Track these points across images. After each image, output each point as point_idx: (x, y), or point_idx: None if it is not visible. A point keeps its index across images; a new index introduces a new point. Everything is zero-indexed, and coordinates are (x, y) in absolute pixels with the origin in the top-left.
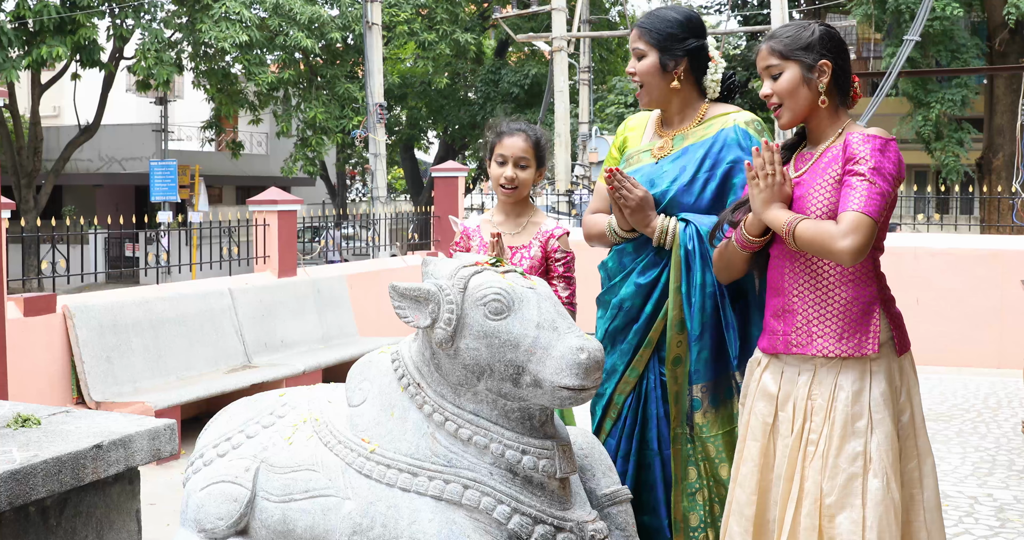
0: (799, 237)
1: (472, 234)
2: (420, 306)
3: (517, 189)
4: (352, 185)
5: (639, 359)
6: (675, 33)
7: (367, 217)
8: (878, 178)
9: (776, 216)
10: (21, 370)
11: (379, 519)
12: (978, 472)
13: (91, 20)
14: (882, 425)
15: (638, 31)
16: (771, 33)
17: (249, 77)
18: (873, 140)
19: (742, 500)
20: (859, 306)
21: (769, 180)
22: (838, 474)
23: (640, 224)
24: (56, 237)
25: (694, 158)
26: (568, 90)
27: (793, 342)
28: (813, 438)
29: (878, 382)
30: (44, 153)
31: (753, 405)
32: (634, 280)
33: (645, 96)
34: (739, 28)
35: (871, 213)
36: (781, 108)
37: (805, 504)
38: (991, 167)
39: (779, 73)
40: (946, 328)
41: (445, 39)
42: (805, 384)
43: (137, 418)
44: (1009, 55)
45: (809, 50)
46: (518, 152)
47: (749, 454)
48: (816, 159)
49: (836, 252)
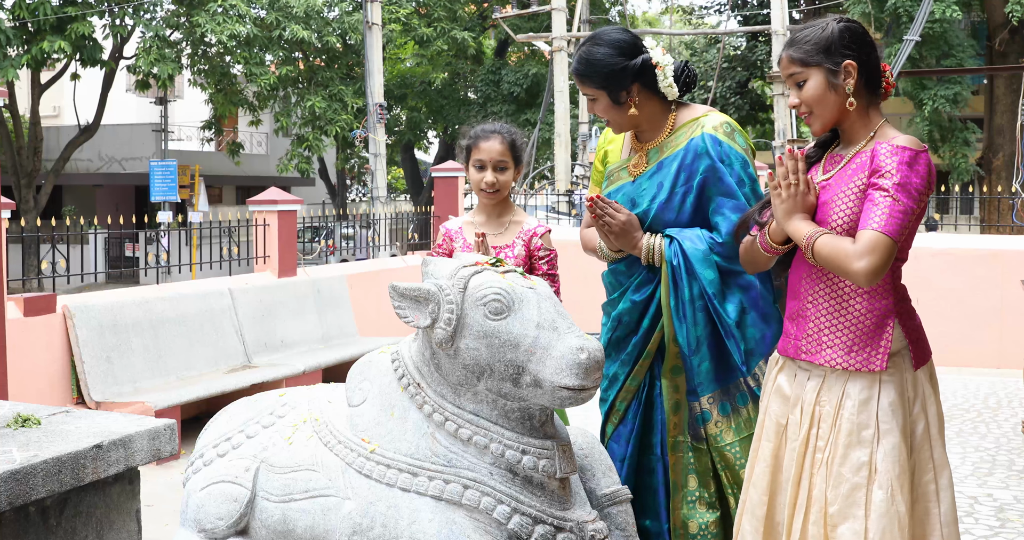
0: (817, 253)
1: (455, 236)
2: (420, 306)
3: (499, 191)
4: (352, 185)
5: (639, 368)
6: (612, 69)
7: (367, 217)
8: (902, 194)
9: (797, 228)
10: (21, 370)
11: (379, 519)
12: (978, 472)
13: (88, 18)
14: (889, 435)
15: (578, 79)
16: (790, 39)
17: (249, 78)
18: (902, 152)
19: (754, 499)
20: (873, 318)
21: (792, 190)
22: (842, 483)
23: (627, 246)
24: (56, 237)
25: (669, 173)
26: (568, 90)
27: (803, 348)
28: (820, 445)
29: (887, 392)
30: (44, 153)
31: (768, 405)
32: (629, 297)
33: (615, 127)
34: (739, 28)
35: (891, 232)
36: (811, 116)
37: (812, 512)
38: (991, 167)
39: (804, 81)
40: (946, 328)
41: (443, 36)
42: (814, 389)
43: (137, 418)
44: (1009, 55)
45: (830, 53)
46: (496, 156)
47: (763, 454)
48: (844, 164)
49: (852, 273)
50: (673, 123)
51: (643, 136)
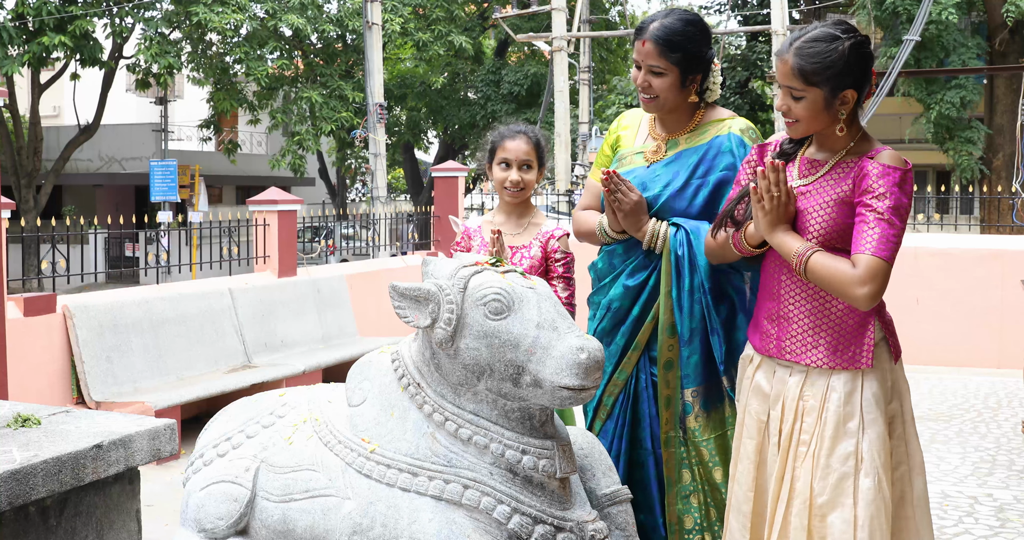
0: (812, 272)
1: (473, 234)
2: (420, 306)
3: (523, 190)
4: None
5: (627, 361)
6: (698, 52)
7: (367, 217)
8: (896, 218)
9: (784, 242)
10: (21, 370)
11: (379, 519)
12: (978, 472)
13: (88, 18)
14: (874, 425)
15: (656, 48)
16: (797, 46)
17: (248, 73)
18: (893, 173)
19: (739, 497)
20: (855, 318)
21: (775, 202)
22: (830, 474)
23: (632, 227)
24: (56, 237)
25: (688, 164)
26: (568, 90)
27: (787, 349)
28: (805, 438)
29: (870, 383)
30: (44, 153)
31: (748, 403)
32: (623, 281)
33: (655, 108)
34: (739, 28)
35: (888, 258)
36: (796, 123)
37: (795, 504)
38: (991, 167)
39: (801, 97)
40: (946, 328)
41: (440, 39)
42: (797, 385)
43: (137, 418)
44: (1009, 55)
45: (836, 77)
46: (521, 154)
47: (745, 452)
48: (824, 173)
49: (853, 298)
50: (699, 120)
51: (667, 126)
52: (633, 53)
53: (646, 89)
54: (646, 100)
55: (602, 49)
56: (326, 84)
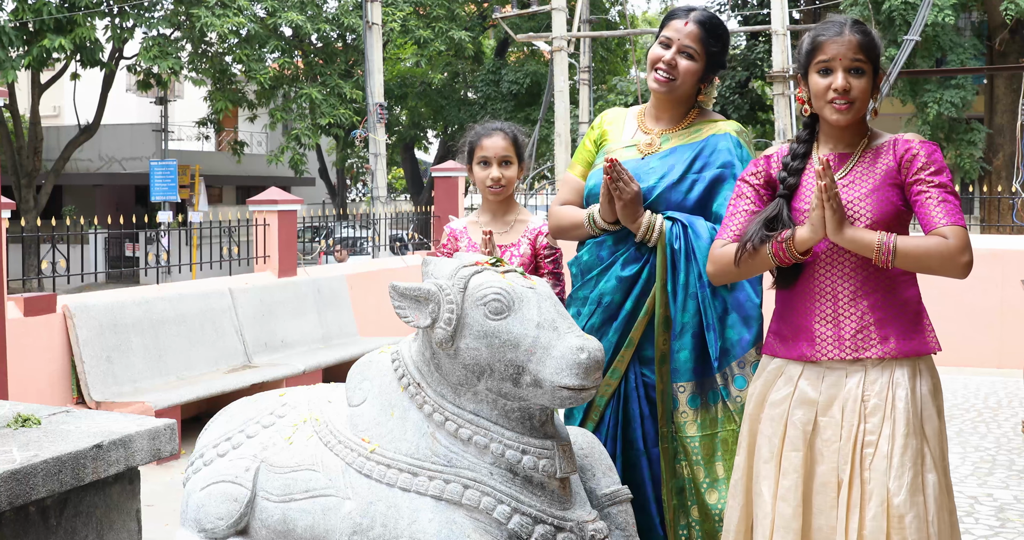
0: (904, 254)
1: (459, 235)
2: (420, 306)
3: (505, 187)
4: (352, 185)
5: (620, 359)
6: (726, 50)
7: (367, 217)
8: (953, 188)
9: (857, 237)
10: (21, 370)
11: (379, 519)
12: (978, 472)
13: (89, 20)
14: (932, 420)
15: (699, 31)
16: (858, 25)
17: (248, 74)
18: (937, 150)
19: (787, 514)
20: (914, 305)
21: (837, 201)
22: (904, 473)
23: (628, 218)
24: (56, 237)
25: (684, 158)
26: (568, 90)
27: (851, 347)
28: (871, 439)
29: (926, 379)
30: (44, 153)
31: (790, 414)
32: (616, 273)
33: (668, 90)
34: (739, 28)
35: (963, 224)
36: (850, 107)
37: (871, 507)
38: (991, 167)
39: (863, 71)
40: (946, 328)
41: (441, 36)
42: (857, 385)
43: (137, 418)
44: (1009, 55)
45: (878, 59)
46: (500, 151)
47: (791, 465)
48: (855, 163)
49: (956, 267)
50: (692, 119)
51: (660, 120)
52: (665, 31)
53: (670, 69)
54: (662, 79)
55: (602, 49)
56: (326, 83)
